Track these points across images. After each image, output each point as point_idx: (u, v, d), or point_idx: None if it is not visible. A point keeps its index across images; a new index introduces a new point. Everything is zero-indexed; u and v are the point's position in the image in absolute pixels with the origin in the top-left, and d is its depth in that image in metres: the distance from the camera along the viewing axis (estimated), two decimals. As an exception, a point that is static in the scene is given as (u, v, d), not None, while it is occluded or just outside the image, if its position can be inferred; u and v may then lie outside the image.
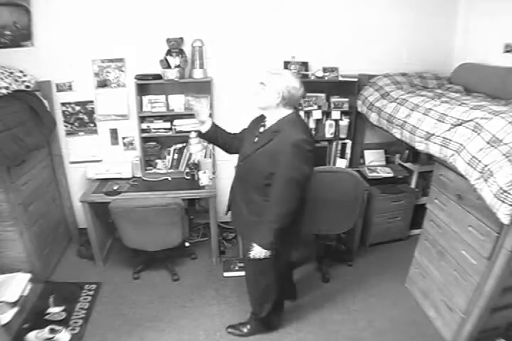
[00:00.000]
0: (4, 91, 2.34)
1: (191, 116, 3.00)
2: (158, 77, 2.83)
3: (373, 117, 2.81)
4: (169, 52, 2.78)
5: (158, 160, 3.16)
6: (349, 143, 3.20)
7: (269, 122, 1.84)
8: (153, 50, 2.82)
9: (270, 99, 1.74)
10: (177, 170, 3.17)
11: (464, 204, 2.06)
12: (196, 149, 2.88)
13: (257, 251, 1.80)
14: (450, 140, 1.97)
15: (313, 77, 2.94)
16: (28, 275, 2.47)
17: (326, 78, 2.95)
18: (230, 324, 2.36)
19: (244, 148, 1.94)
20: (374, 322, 2.42)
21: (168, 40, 2.76)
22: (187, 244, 3.15)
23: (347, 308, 2.54)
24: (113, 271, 2.92)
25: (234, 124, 3.22)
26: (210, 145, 3.10)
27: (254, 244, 1.80)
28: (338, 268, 2.96)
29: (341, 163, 3.18)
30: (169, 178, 3.04)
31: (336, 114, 3.10)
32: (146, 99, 2.94)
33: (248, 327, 2.31)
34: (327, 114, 3.12)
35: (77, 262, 3.04)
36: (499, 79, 2.46)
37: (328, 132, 3.16)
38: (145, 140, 3.06)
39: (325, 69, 2.97)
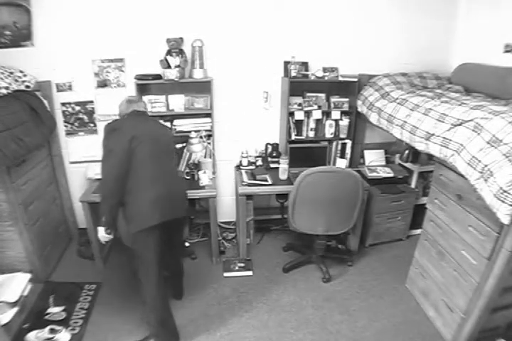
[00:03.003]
0: (4, 91, 2.35)
1: (191, 116, 3.02)
2: (158, 77, 2.83)
3: (373, 117, 2.81)
4: (169, 52, 2.78)
5: (158, 160, 3.15)
6: (349, 143, 3.19)
7: None
8: (153, 50, 2.82)
9: None
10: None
11: (464, 204, 2.06)
12: (196, 149, 2.91)
13: (99, 231, 2.07)
14: (450, 140, 1.97)
15: (313, 77, 2.94)
16: (28, 276, 2.47)
17: (326, 78, 2.95)
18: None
19: None
20: (374, 322, 2.43)
21: (168, 40, 2.76)
22: (187, 244, 3.15)
23: (347, 308, 2.55)
24: (113, 271, 2.92)
25: (234, 124, 3.26)
26: (210, 145, 3.11)
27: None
28: (338, 268, 2.96)
29: (341, 163, 3.19)
30: (169, 178, 3.03)
31: (336, 114, 3.10)
32: (146, 99, 2.93)
33: (153, 339, 2.20)
34: (327, 114, 3.12)
35: (77, 262, 3.04)
36: (499, 79, 2.45)
37: (328, 132, 3.16)
38: (145, 140, 3.06)
39: (325, 69, 2.97)
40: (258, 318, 2.46)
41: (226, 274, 2.88)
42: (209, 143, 3.10)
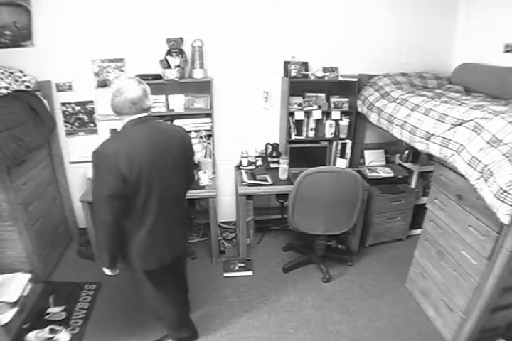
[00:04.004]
0: (4, 91, 2.35)
1: (191, 116, 3.02)
2: (158, 77, 2.82)
3: (373, 117, 2.81)
4: (169, 52, 2.78)
5: (158, 160, 3.15)
6: (349, 143, 3.19)
7: None
8: (153, 50, 2.82)
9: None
10: (177, 170, 3.16)
11: (464, 204, 2.06)
12: (196, 149, 2.91)
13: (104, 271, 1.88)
14: (450, 140, 1.97)
15: (313, 77, 2.94)
16: (28, 276, 2.47)
17: (326, 78, 2.95)
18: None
19: None
20: (374, 322, 2.43)
21: (168, 40, 2.76)
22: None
23: (347, 308, 2.55)
24: (113, 271, 2.92)
25: (234, 124, 3.26)
26: (210, 145, 3.11)
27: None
28: (338, 268, 2.96)
29: (341, 163, 3.18)
30: (169, 178, 3.02)
31: (336, 114, 3.10)
32: (146, 99, 2.94)
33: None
34: (327, 114, 3.12)
35: (77, 262, 3.04)
36: (499, 79, 2.45)
37: (328, 132, 3.16)
38: (145, 140, 3.06)
39: (325, 69, 2.97)
40: (258, 318, 2.46)
41: (226, 274, 2.88)
42: (209, 143, 3.10)
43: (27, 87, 2.65)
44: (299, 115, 3.03)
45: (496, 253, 1.81)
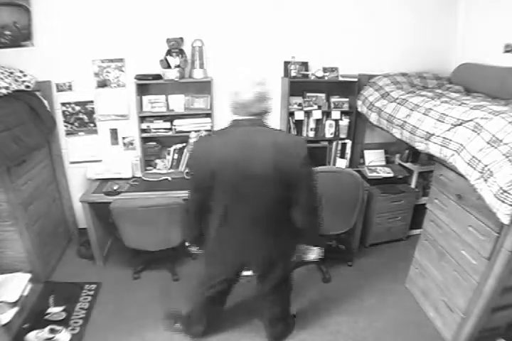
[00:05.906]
0: (4, 91, 2.34)
1: (191, 116, 3.02)
2: (158, 77, 2.83)
3: (373, 117, 2.81)
4: (169, 52, 2.78)
5: (158, 160, 3.16)
6: (349, 143, 3.20)
7: None
8: (153, 50, 2.82)
9: None
10: (177, 170, 3.16)
11: (464, 204, 2.06)
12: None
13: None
14: (450, 140, 1.97)
15: (313, 77, 2.94)
16: (28, 276, 2.47)
17: (326, 78, 2.95)
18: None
19: None
20: (374, 323, 2.42)
21: (168, 40, 2.76)
22: (187, 244, 3.14)
23: (347, 308, 2.54)
24: (113, 271, 2.92)
25: (234, 124, 3.23)
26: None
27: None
28: (338, 268, 2.96)
29: (341, 163, 3.18)
30: (169, 178, 3.03)
31: (335, 114, 3.10)
32: (146, 99, 2.94)
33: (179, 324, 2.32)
34: (327, 114, 3.12)
35: (77, 262, 3.04)
36: (499, 79, 2.46)
37: (328, 132, 3.16)
38: (145, 140, 3.06)
39: (325, 69, 2.97)
40: (258, 319, 2.46)
41: (226, 274, 2.87)
42: (209, 143, 3.10)
43: (27, 87, 2.65)
44: (299, 115, 3.03)
45: (496, 253, 1.81)
